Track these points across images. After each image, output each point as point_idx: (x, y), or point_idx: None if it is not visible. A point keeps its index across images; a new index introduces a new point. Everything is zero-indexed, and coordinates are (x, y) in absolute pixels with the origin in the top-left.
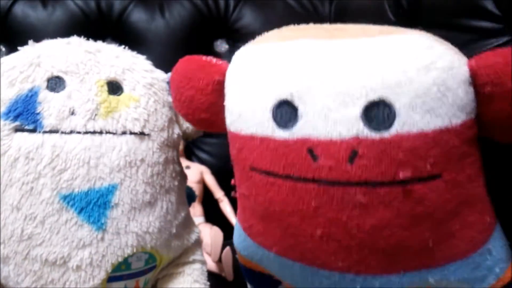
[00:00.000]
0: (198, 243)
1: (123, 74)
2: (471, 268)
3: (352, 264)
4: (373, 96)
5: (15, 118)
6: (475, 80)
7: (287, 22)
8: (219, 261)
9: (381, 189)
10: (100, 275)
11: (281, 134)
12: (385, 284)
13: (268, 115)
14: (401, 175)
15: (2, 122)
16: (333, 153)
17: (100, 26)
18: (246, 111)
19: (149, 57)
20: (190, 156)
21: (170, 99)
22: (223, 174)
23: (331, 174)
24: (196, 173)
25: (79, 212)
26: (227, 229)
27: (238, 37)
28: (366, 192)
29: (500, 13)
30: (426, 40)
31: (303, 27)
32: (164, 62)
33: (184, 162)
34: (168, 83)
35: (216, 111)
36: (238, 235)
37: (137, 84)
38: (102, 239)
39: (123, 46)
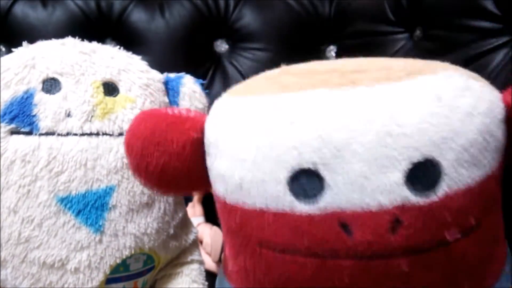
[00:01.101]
0: (196, 243)
1: (119, 75)
2: None
3: None
4: (417, 157)
5: (11, 120)
6: (510, 116)
7: (287, 22)
8: (219, 261)
9: (425, 255)
10: (99, 277)
11: (303, 208)
12: None
13: (284, 187)
14: (448, 237)
15: None
16: (373, 227)
17: (100, 26)
18: (250, 183)
19: (149, 57)
20: None
21: (166, 100)
22: None
23: (371, 248)
24: None
25: (77, 215)
26: None
27: (238, 37)
28: (410, 261)
29: (500, 13)
30: (460, 79)
31: (305, 69)
32: (164, 62)
33: None
34: (164, 83)
35: (198, 176)
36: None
37: (133, 85)
38: (100, 241)
39: (123, 46)
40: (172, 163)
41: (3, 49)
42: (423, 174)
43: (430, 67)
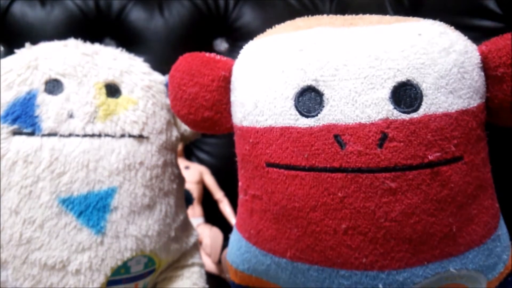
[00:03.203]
0: (197, 246)
1: (121, 76)
2: (485, 255)
3: (377, 258)
4: (401, 77)
5: (13, 121)
6: (486, 64)
7: (287, 21)
8: (219, 263)
9: (410, 173)
10: (100, 279)
11: (305, 122)
12: (409, 278)
13: (290, 103)
14: (430, 156)
15: (0, 126)
16: (362, 138)
17: (98, 25)
18: (264, 102)
19: (148, 56)
20: (189, 156)
21: (168, 101)
22: (223, 175)
23: (360, 160)
24: (196, 173)
25: (78, 216)
26: (226, 230)
27: (238, 36)
28: (396, 177)
29: (502, 12)
30: (439, 26)
31: (315, 17)
32: (163, 61)
33: (184, 162)
34: (166, 84)
35: (220, 110)
36: (237, 248)
37: (135, 87)
38: (102, 242)
39: (122, 45)
40: (202, 93)
41: (2, 48)
42: (405, 94)
43: (415, 19)
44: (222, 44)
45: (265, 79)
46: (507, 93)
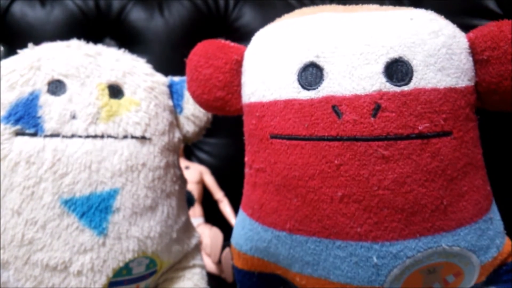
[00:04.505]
0: (198, 248)
1: (124, 77)
2: (477, 235)
3: (371, 228)
4: (393, 54)
5: (16, 122)
6: (474, 49)
7: None
8: (219, 263)
9: (402, 142)
10: (101, 280)
11: (306, 94)
12: (402, 251)
13: (294, 77)
14: (420, 127)
15: (3, 126)
16: (357, 107)
17: (98, 25)
18: (270, 78)
19: (148, 56)
20: (189, 156)
21: (170, 103)
22: (223, 175)
23: (355, 129)
24: (196, 173)
25: (81, 217)
26: (226, 230)
27: (238, 36)
28: (388, 145)
29: (502, 12)
30: (431, 14)
31: (319, 6)
32: (163, 61)
33: (184, 162)
34: (168, 86)
35: (231, 90)
36: (241, 227)
37: (138, 88)
38: (104, 244)
39: (122, 45)
40: (215, 74)
41: (2, 48)
42: (397, 69)
43: (410, 8)
44: None
45: (272, 57)
46: (493, 75)
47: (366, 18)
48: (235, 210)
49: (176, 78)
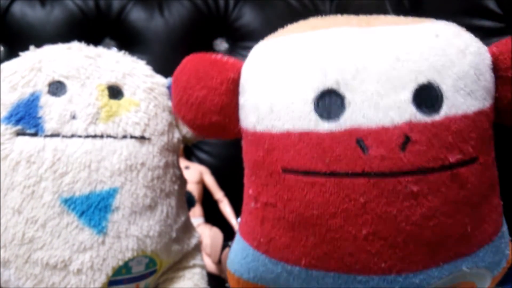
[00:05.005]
0: (198, 248)
1: (124, 78)
2: (493, 252)
3: (395, 263)
4: (422, 79)
5: (17, 122)
6: (497, 65)
7: (287, 21)
8: (218, 263)
9: (432, 176)
10: (101, 279)
11: (325, 126)
12: (424, 280)
13: (310, 107)
14: (451, 158)
15: (4, 126)
16: (386, 141)
17: (98, 25)
18: (280, 105)
19: (148, 57)
20: (189, 156)
21: (170, 103)
22: (223, 175)
23: (383, 164)
24: (196, 173)
25: (80, 216)
26: (226, 230)
27: (238, 36)
28: (418, 180)
29: (502, 12)
30: (455, 27)
31: (330, 17)
32: (163, 61)
33: (184, 162)
34: (168, 87)
35: (228, 114)
36: (242, 257)
37: (138, 89)
38: (103, 242)
39: (122, 45)
40: (210, 97)
41: (2, 48)
42: (427, 95)
43: (429, 20)
44: (222, 44)
45: (280, 80)
46: None
47: (388, 35)
48: (235, 210)
49: None
